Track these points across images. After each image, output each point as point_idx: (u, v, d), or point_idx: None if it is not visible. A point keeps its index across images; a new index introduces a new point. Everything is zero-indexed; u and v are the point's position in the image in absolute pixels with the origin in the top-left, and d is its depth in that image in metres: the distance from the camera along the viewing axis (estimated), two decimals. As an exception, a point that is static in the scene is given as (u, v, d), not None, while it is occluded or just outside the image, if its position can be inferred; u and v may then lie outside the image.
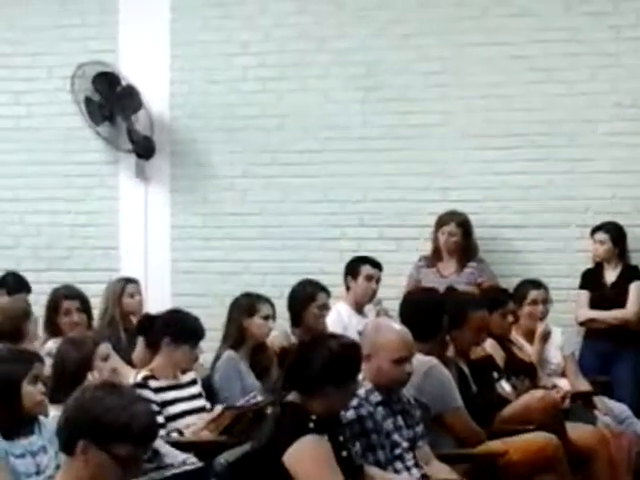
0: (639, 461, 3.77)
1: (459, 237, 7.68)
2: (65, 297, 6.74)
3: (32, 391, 4.40)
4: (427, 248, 7.85)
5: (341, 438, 4.46)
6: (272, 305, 6.42)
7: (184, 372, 5.76)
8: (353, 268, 7.43)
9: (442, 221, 7.72)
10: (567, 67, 7.82)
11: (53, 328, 6.60)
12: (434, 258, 7.77)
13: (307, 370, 4.32)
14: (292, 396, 4.35)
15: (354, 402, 4.71)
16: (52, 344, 6.27)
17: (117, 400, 3.04)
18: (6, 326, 6.21)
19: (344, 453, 4.42)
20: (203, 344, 6.43)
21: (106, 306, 7.13)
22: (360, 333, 5.61)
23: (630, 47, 7.71)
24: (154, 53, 8.53)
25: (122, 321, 7.06)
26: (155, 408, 5.42)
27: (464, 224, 7.70)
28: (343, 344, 4.42)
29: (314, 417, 4.25)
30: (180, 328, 5.72)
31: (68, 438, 3.07)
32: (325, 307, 6.88)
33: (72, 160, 8.61)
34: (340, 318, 7.13)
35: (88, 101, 8.41)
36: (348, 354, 4.35)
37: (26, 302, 6.58)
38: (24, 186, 8.70)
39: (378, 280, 7.39)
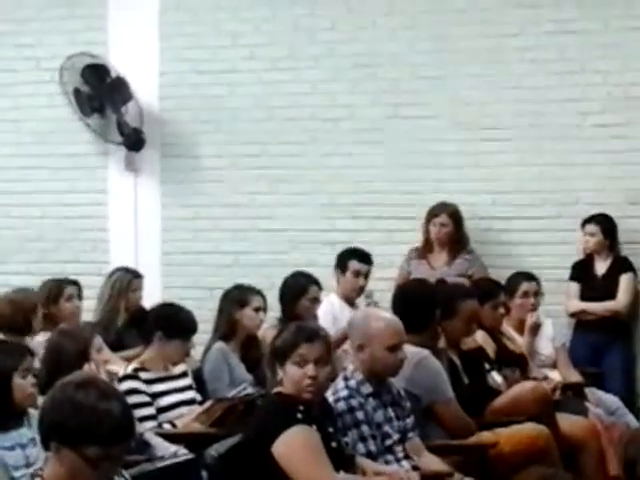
0: (628, 452, 3.75)
1: (450, 228, 7.68)
2: (68, 283, 6.75)
3: (23, 384, 4.39)
4: (418, 240, 7.85)
5: (331, 429, 4.45)
6: (263, 297, 6.41)
7: (175, 364, 5.74)
8: (342, 262, 7.41)
9: (433, 212, 7.71)
10: (558, 59, 7.81)
11: (50, 319, 6.57)
12: (425, 250, 7.77)
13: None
14: (281, 387, 4.35)
15: (345, 393, 4.73)
16: (41, 337, 6.25)
17: (86, 399, 2.96)
18: (18, 319, 6.19)
19: (334, 444, 4.42)
20: (194, 337, 6.43)
21: (110, 295, 7.11)
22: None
23: (621, 38, 7.70)
24: (143, 45, 8.50)
25: (124, 313, 7.05)
26: (146, 399, 5.42)
27: (455, 215, 7.69)
28: (291, 326, 4.47)
29: (302, 407, 4.25)
30: (172, 322, 5.70)
31: (43, 437, 3.04)
32: (316, 300, 6.87)
33: (61, 152, 8.58)
34: (332, 309, 7.13)
35: (77, 93, 8.38)
36: (289, 336, 4.36)
37: (36, 295, 6.54)
38: (12, 178, 8.67)
39: (367, 275, 7.36)
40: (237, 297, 6.35)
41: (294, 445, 4.20)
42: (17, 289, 6.64)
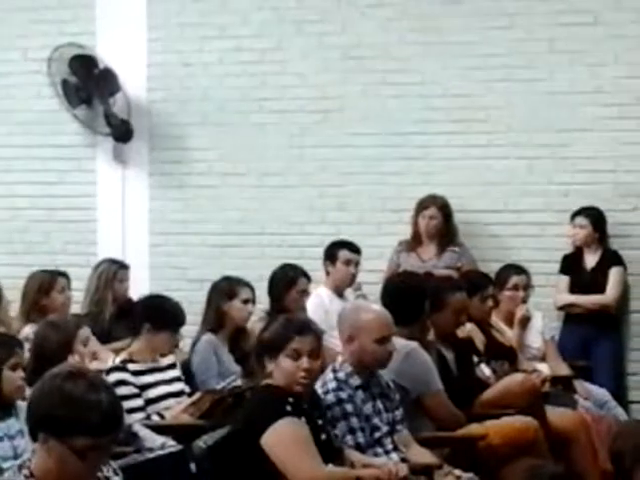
0: (616, 444, 3.75)
1: (439, 221, 7.67)
2: (59, 275, 6.73)
3: (12, 377, 4.38)
4: (407, 232, 7.83)
5: (320, 421, 4.45)
6: (252, 289, 6.39)
7: (163, 356, 5.72)
8: (331, 253, 7.40)
9: (423, 205, 7.70)
10: (547, 52, 7.80)
11: (38, 310, 6.54)
12: (414, 242, 7.76)
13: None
14: (270, 379, 4.34)
15: (334, 385, 4.73)
16: (29, 329, 6.23)
17: (74, 390, 2.94)
18: None
19: (323, 436, 4.42)
20: (183, 329, 6.41)
21: (97, 286, 7.09)
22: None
23: (609, 32, 7.69)
24: (131, 36, 8.46)
25: (112, 304, 7.03)
26: (134, 391, 5.40)
27: (444, 208, 7.68)
28: (281, 319, 4.46)
29: (291, 400, 4.24)
30: (160, 314, 5.68)
31: (31, 429, 3.03)
32: (305, 292, 6.87)
33: (49, 143, 8.54)
34: (321, 302, 7.11)
35: (65, 84, 8.34)
36: (280, 329, 4.35)
37: None
38: (0, 169, 8.62)
39: (357, 264, 7.36)
40: (225, 289, 6.34)
41: (283, 437, 4.21)
42: None
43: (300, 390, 4.30)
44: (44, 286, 6.72)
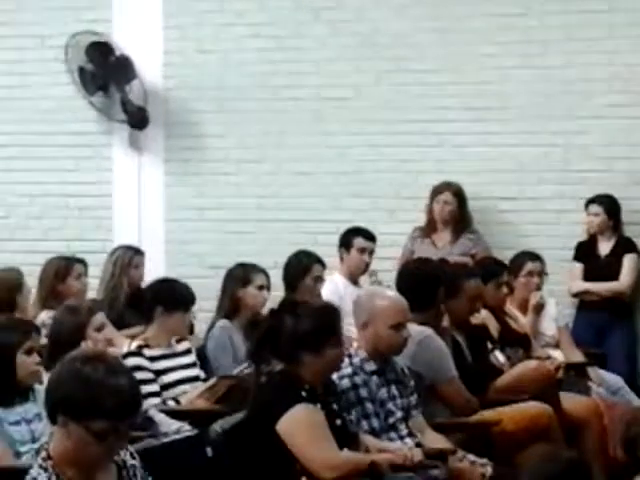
0: (629, 431, 3.77)
1: (454, 206, 7.68)
2: (76, 261, 6.77)
3: (26, 361, 4.40)
4: (422, 220, 7.85)
5: (335, 407, 4.47)
6: (267, 275, 6.41)
7: (179, 341, 5.76)
8: (346, 240, 7.40)
9: (437, 190, 7.72)
10: (563, 39, 7.79)
11: (54, 297, 6.58)
12: (428, 229, 7.77)
13: (280, 339, 4.35)
14: (284, 365, 4.36)
15: (349, 370, 4.75)
16: (45, 315, 6.27)
17: (94, 374, 2.97)
18: (2, 297, 6.21)
19: (338, 422, 4.44)
20: (198, 315, 6.45)
21: (112, 272, 7.11)
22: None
23: (625, 19, 7.68)
24: (148, 23, 8.48)
25: (127, 290, 7.06)
26: (149, 376, 5.43)
27: (459, 194, 7.70)
28: (314, 310, 4.44)
29: (307, 386, 4.26)
30: (171, 296, 5.73)
31: (50, 411, 3.06)
32: (320, 279, 6.87)
33: (65, 130, 8.57)
34: (336, 289, 7.12)
35: (81, 71, 8.36)
36: (320, 320, 4.36)
37: (19, 273, 6.57)
38: (17, 156, 8.65)
39: (371, 253, 7.36)
40: (240, 275, 6.35)
41: (298, 423, 4.23)
42: (2, 268, 6.67)
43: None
44: (61, 272, 6.75)
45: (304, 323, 4.37)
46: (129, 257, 7.19)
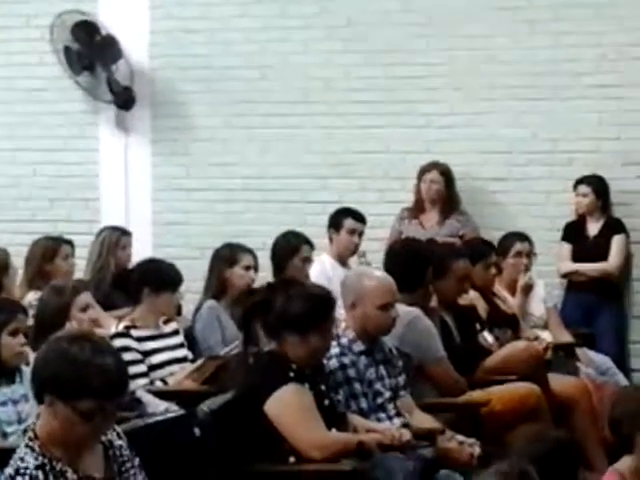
0: (614, 411, 3.77)
1: (441, 185, 7.67)
2: (64, 242, 6.74)
3: (11, 342, 4.38)
4: (410, 201, 7.83)
5: (323, 387, 4.46)
6: (254, 255, 6.39)
7: (166, 322, 5.74)
8: (336, 221, 7.39)
9: (424, 169, 7.71)
10: (551, 19, 7.76)
11: (41, 277, 6.54)
12: (416, 210, 7.76)
13: (267, 316, 4.36)
14: (272, 345, 4.35)
15: (337, 350, 4.74)
16: (32, 296, 6.24)
17: (80, 354, 2.96)
18: None
19: (326, 402, 4.43)
20: (186, 296, 6.43)
21: (99, 253, 7.08)
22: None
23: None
24: (134, 2, 8.44)
25: (114, 271, 7.03)
26: (137, 357, 5.41)
27: (446, 173, 7.69)
28: (309, 293, 4.43)
29: (294, 366, 4.25)
30: (158, 276, 5.73)
31: (37, 391, 3.04)
32: (308, 260, 6.84)
33: (51, 110, 8.52)
34: (324, 269, 7.11)
35: (67, 50, 8.31)
36: (311, 304, 4.35)
37: (5, 253, 6.54)
38: (2, 137, 8.61)
39: (361, 234, 7.35)
40: (227, 255, 6.33)
41: (286, 403, 4.23)
42: None
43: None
44: (48, 253, 6.72)
45: (296, 303, 4.36)
46: (116, 237, 7.16)
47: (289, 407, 4.23)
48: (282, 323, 4.34)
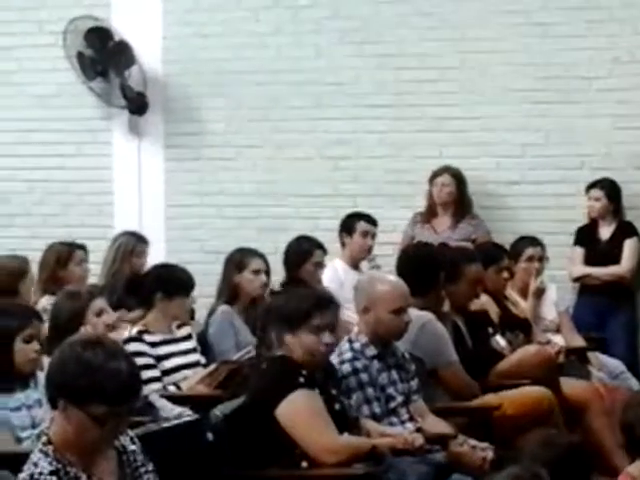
0: (626, 415, 3.78)
1: (452, 188, 7.67)
2: (78, 247, 6.76)
3: (25, 348, 4.38)
4: (422, 205, 7.84)
5: (334, 392, 4.47)
6: (264, 259, 6.36)
7: (179, 327, 5.76)
8: (348, 224, 7.40)
9: (436, 174, 7.72)
10: (564, 22, 7.76)
11: (55, 282, 6.56)
12: (428, 214, 7.76)
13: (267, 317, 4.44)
14: (282, 350, 4.36)
15: (349, 355, 4.75)
16: (46, 301, 6.26)
17: (94, 358, 2.98)
18: (3, 282, 6.19)
19: (337, 406, 4.44)
20: (200, 301, 6.44)
21: (114, 258, 7.09)
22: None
23: (627, 2, 7.65)
24: (147, 8, 8.45)
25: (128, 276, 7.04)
26: (150, 362, 5.43)
27: (457, 176, 7.69)
28: (303, 292, 4.50)
29: (305, 372, 4.26)
30: (170, 281, 5.74)
31: (51, 396, 3.06)
32: (321, 265, 6.85)
33: (64, 116, 8.54)
34: (336, 274, 7.12)
35: (80, 56, 8.34)
36: (302, 301, 4.36)
37: (24, 261, 6.52)
38: (16, 142, 8.63)
39: (374, 236, 7.38)
40: (236, 260, 6.32)
41: (297, 409, 4.24)
42: (7, 255, 6.66)
43: (319, 363, 4.33)
44: (62, 258, 6.73)
45: (285, 301, 4.43)
46: (132, 245, 7.16)
47: (300, 412, 4.24)
48: (277, 323, 4.38)
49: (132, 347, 5.36)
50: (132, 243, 7.17)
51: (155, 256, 7.35)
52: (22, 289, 6.27)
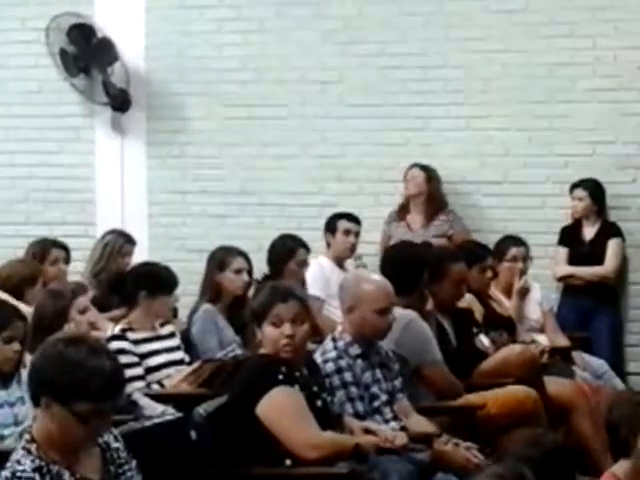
0: (611, 415, 3.78)
1: (421, 180, 7.65)
2: (54, 245, 6.70)
3: (4, 348, 4.36)
4: (403, 204, 7.85)
5: (315, 388, 4.45)
6: (247, 258, 6.34)
7: (163, 325, 5.73)
8: (331, 224, 7.42)
9: (406, 170, 7.70)
10: (547, 22, 7.77)
11: None
12: (402, 211, 7.77)
13: None
14: (262, 348, 4.36)
15: (333, 354, 4.74)
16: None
17: (76, 355, 2.96)
18: (9, 284, 6.10)
19: (319, 403, 4.43)
20: (183, 299, 6.42)
21: (101, 255, 7.05)
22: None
23: (610, 2, 7.66)
24: (129, 5, 8.42)
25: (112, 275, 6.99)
26: (134, 360, 5.40)
27: (427, 170, 7.67)
28: (268, 287, 4.51)
29: (284, 369, 4.25)
30: (154, 279, 5.72)
31: (33, 393, 3.04)
32: (304, 263, 6.84)
33: (47, 113, 8.51)
34: (322, 271, 7.12)
35: (63, 53, 8.30)
36: (265, 295, 4.39)
37: (37, 268, 6.39)
38: (-2, 139, 8.61)
39: (357, 234, 7.37)
40: (218, 259, 6.30)
41: (277, 406, 4.24)
42: (20, 260, 6.58)
43: (288, 357, 4.31)
44: (37, 257, 6.67)
45: (256, 298, 4.48)
46: (120, 244, 7.13)
47: (280, 409, 4.24)
48: (251, 319, 4.44)
49: (115, 345, 5.34)
50: (120, 242, 7.13)
51: (138, 254, 7.32)
52: (29, 295, 6.13)
